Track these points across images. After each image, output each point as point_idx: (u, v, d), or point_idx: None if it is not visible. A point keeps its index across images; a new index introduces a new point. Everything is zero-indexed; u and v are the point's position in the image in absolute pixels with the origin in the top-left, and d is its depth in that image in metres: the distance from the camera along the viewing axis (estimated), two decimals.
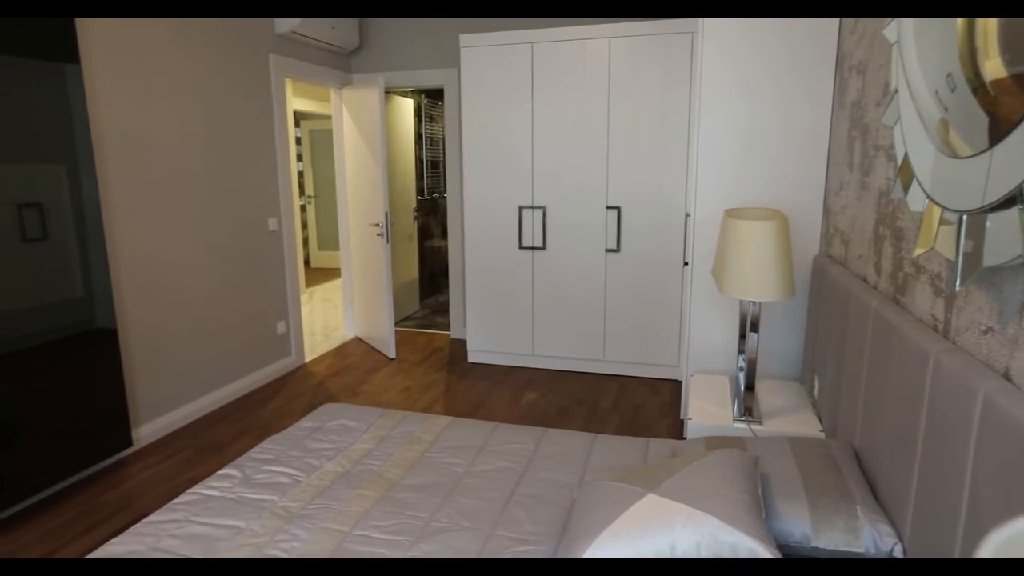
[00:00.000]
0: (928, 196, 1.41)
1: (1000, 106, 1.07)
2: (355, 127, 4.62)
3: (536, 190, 4.05)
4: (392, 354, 4.49)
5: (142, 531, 1.71)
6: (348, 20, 4.50)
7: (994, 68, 1.10)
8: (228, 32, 3.59)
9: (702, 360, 3.02)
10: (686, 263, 3.81)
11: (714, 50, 2.74)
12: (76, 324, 2.66)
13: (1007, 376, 1.14)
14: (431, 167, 6.46)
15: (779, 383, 2.77)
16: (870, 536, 1.45)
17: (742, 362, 2.41)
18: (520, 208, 4.09)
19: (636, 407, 3.58)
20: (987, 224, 1.11)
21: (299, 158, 7.92)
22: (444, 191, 6.67)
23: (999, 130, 1.07)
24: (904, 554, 1.42)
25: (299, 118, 7.82)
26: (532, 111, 3.95)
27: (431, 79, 4.69)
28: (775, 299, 2.18)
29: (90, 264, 2.72)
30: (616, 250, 3.96)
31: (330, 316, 5.75)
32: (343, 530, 1.71)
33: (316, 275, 7.84)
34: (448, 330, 5.23)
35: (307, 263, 8.36)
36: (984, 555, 0.65)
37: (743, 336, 2.42)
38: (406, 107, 5.58)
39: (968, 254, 1.20)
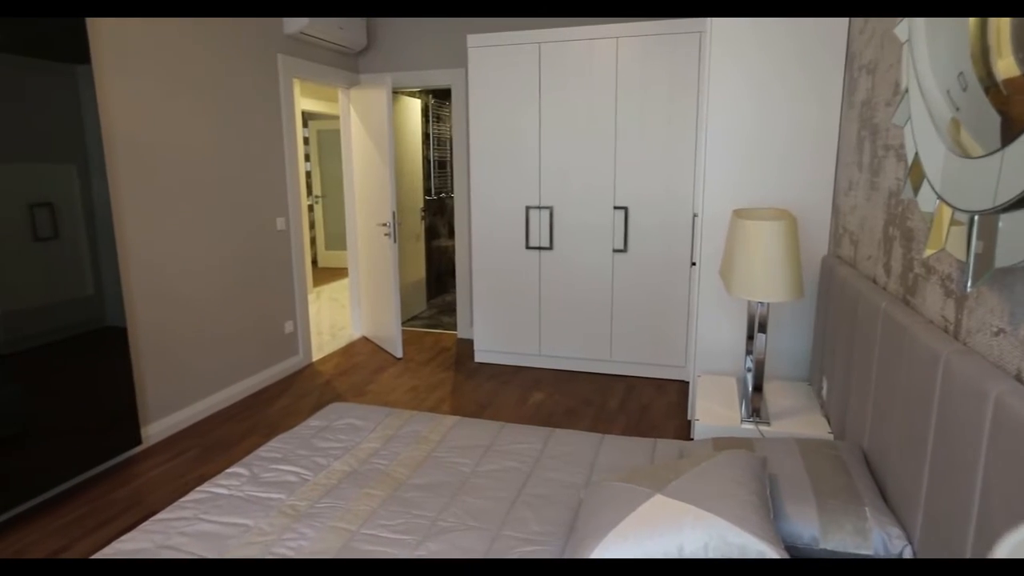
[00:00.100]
0: (939, 196, 1.40)
1: (1013, 105, 1.07)
2: (363, 127, 4.64)
3: (543, 190, 4.05)
4: (399, 353, 4.50)
5: (151, 528, 1.72)
6: (356, 20, 4.52)
7: (1007, 67, 1.10)
8: (237, 33, 3.61)
9: (709, 361, 3.01)
10: (693, 263, 3.80)
11: (722, 50, 2.73)
12: (86, 323, 2.68)
13: (1019, 378, 1.13)
14: (438, 167, 6.47)
15: (787, 384, 2.75)
16: (879, 538, 1.44)
17: (750, 363, 2.41)
18: (527, 208, 4.09)
19: (643, 408, 3.57)
20: (999, 224, 1.10)
21: (307, 158, 7.95)
22: (451, 191, 6.68)
23: (1012, 129, 1.06)
24: (914, 556, 1.41)
25: (307, 118, 7.85)
26: (539, 111, 3.95)
27: (438, 79, 4.69)
28: (783, 300, 2.17)
29: (100, 263, 2.74)
30: (623, 250, 3.95)
31: (337, 315, 5.76)
32: (350, 529, 1.71)
33: (323, 275, 7.87)
34: (455, 330, 5.23)
35: (314, 263, 8.39)
36: (1000, 556, 0.65)
37: (751, 337, 2.42)
38: (413, 107, 5.59)
39: (979, 255, 1.19)
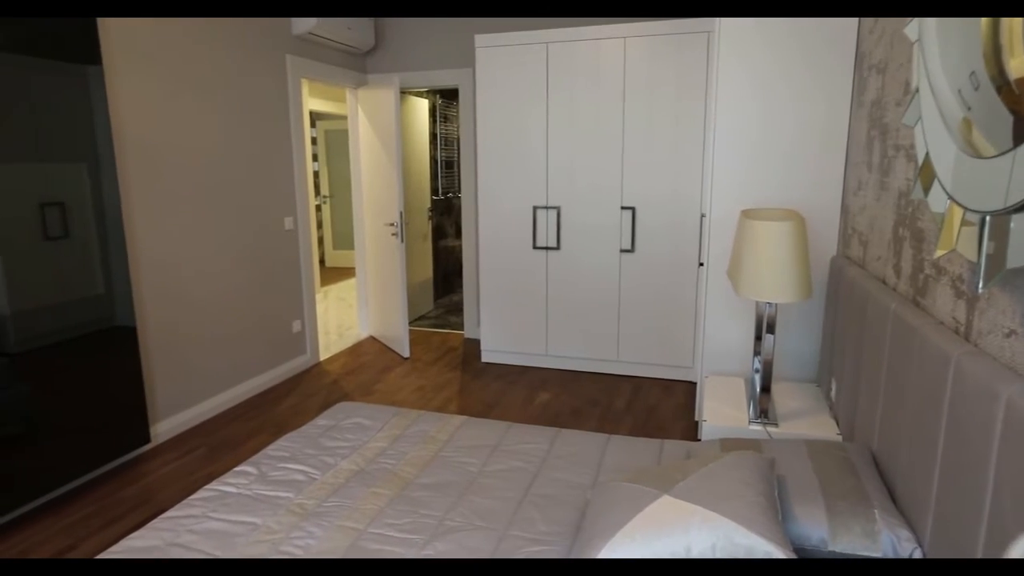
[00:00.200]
0: (950, 197, 1.39)
1: None
2: (370, 127, 4.65)
3: (550, 190, 4.04)
4: (406, 353, 4.51)
5: (160, 526, 1.73)
6: (364, 21, 4.53)
7: (1019, 66, 1.09)
8: (246, 33, 3.63)
9: (717, 361, 3.00)
10: (701, 264, 3.79)
11: (730, 50, 2.72)
12: (96, 321, 2.70)
13: None
14: (445, 167, 6.48)
15: (795, 385, 2.74)
16: (888, 541, 1.43)
17: (758, 364, 2.40)
18: (534, 208, 4.09)
19: (650, 408, 3.57)
20: (1011, 225, 1.09)
21: (315, 158, 7.98)
22: (458, 191, 6.68)
23: None
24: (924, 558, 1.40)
25: (315, 118, 7.88)
26: (547, 111, 3.95)
27: (446, 79, 4.70)
28: (791, 300, 2.16)
29: (110, 262, 2.76)
30: (631, 250, 3.95)
31: (345, 315, 5.78)
32: (358, 528, 1.72)
33: (331, 274, 7.90)
34: (462, 330, 5.24)
35: (322, 262, 8.42)
36: (1017, 555, 0.64)
37: (759, 338, 2.41)
38: (421, 107, 5.60)
39: (991, 255, 1.18)
